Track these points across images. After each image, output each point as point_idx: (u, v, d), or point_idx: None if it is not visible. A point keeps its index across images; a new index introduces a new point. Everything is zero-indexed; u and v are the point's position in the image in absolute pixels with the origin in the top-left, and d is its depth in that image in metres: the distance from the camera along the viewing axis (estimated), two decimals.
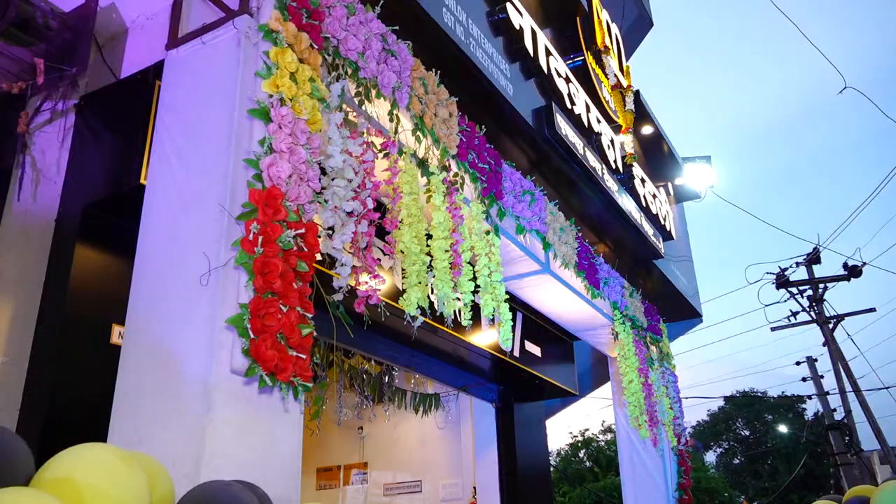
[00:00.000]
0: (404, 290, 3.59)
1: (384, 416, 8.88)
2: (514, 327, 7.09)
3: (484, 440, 8.35)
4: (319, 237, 3.09)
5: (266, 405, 2.53)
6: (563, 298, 6.22)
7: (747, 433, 36.34)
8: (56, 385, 3.82)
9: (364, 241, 3.27)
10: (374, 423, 9.10)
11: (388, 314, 3.80)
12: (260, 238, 2.53)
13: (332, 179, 3.12)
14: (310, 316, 2.70)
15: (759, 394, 35.05)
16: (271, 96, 2.81)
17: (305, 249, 2.76)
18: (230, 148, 2.74)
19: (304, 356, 2.59)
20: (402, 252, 3.57)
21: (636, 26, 11.16)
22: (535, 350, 7.50)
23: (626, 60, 11.68)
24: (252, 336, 2.42)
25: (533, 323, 7.35)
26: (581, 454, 30.14)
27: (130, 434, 2.52)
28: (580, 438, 30.43)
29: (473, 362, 7.38)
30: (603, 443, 28.53)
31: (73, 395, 3.68)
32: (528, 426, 8.26)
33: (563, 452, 30.80)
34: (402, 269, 3.60)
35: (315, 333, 2.75)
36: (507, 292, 6.36)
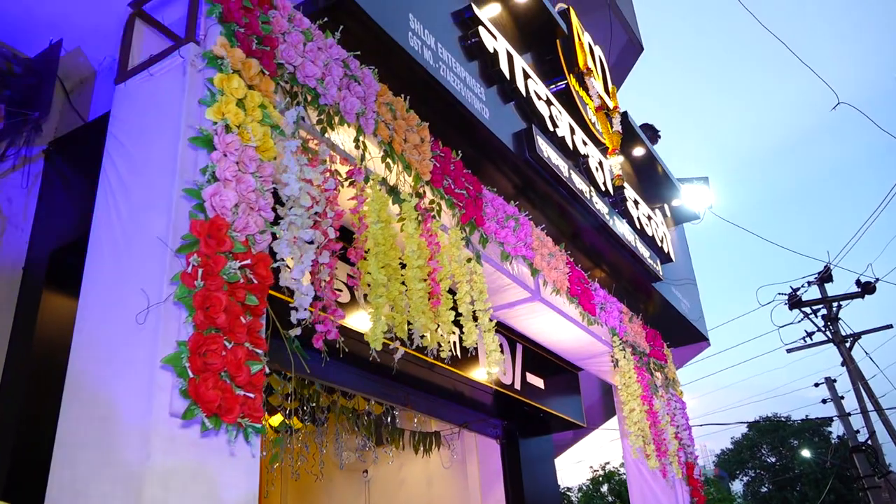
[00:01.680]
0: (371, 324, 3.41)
1: (388, 458, 8.65)
2: (514, 359, 6.95)
3: (490, 478, 8.09)
4: (279, 269, 2.95)
5: (211, 450, 2.35)
6: (558, 326, 6.03)
7: (773, 460, 35.56)
8: (23, 434, 3.67)
9: (325, 272, 3.12)
10: (379, 465, 8.86)
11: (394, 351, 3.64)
12: (200, 271, 2.38)
13: (290, 209, 2.99)
14: (261, 352, 2.54)
15: (783, 418, 34.38)
16: (216, 124, 2.69)
17: (256, 281, 2.61)
18: (174, 179, 2.62)
19: (252, 395, 2.42)
20: (368, 284, 3.41)
21: (626, 51, 11.14)
22: (538, 382, 7.27)
23: (620, 85, 11.66)
24: (191, 375, 2.26)
25: (534, 355, 7.14)
26: (603, 489, 29.47)
27: (69, 486, 2.35)
28: (601, 472, 29.79)
29: (474, 398, 7.16)
30: (625, 476, 27.78)
31: (41, 444, 3.52)
32: (536, 462, 7.98)
33: (584, 488, 30.13)
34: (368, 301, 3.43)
35: (278, 369, 2.59)
36: (500, 323, 6.21)
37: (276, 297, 3.10)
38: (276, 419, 7.51)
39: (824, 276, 16.19)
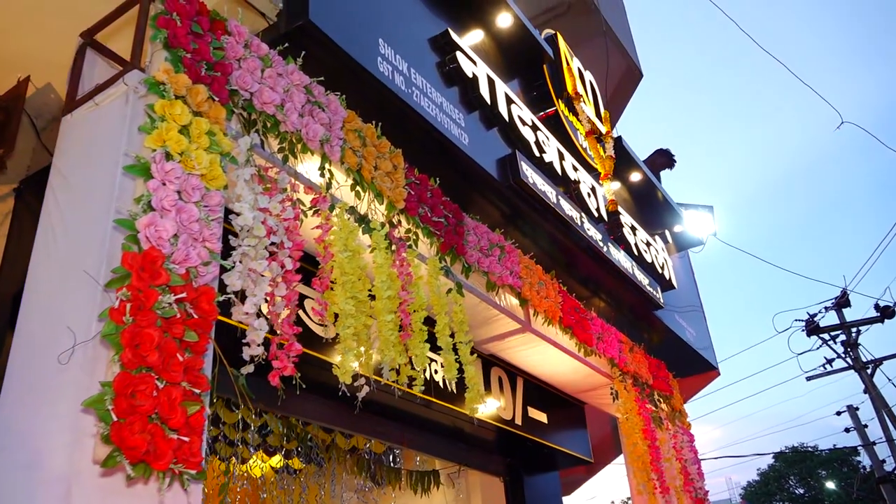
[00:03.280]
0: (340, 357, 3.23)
1: (391, 499, 8.37)
2: (514, 393, 6.72)
3: None
4: (232, 302, 2.80)
5: (138, 500, 2.17)
6: (553, 358, 5.83)
7: (801, 491, 34.66)
8: None
9: (281, 305, 2.96)
10: None
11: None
12: (128, 306, 2.23)
13: (243, 239, 2.85)
14: (199, 392, 2.37)
15: (809, 448, 33.61)
16: (154, 151, 2.56)
17: (196, 316, 2.45)
18: (110, 211, 2.49)
19: (186, 439, 2.24)
20: (335, 315, 3.24)
21: (626, 79, 11.04)
22: (541, 417, 7.03)
23: (620, 113, 11.54)
24: (115, 419, 2.09)
25: (536, 388, 6.91)
26: None
27: None
28: None
29: (473, 434, 6.92)
30: None
31: None
32: (542, 500, 7.68)
33: None
34: (336, 335, 3.26)
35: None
36: (493, 356, 6.01)
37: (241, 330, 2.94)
38: (276, 460, 7.33)
39: (841, 302, 15.83)
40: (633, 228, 6.82)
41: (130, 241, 2.37)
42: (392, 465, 7.80)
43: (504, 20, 5.72)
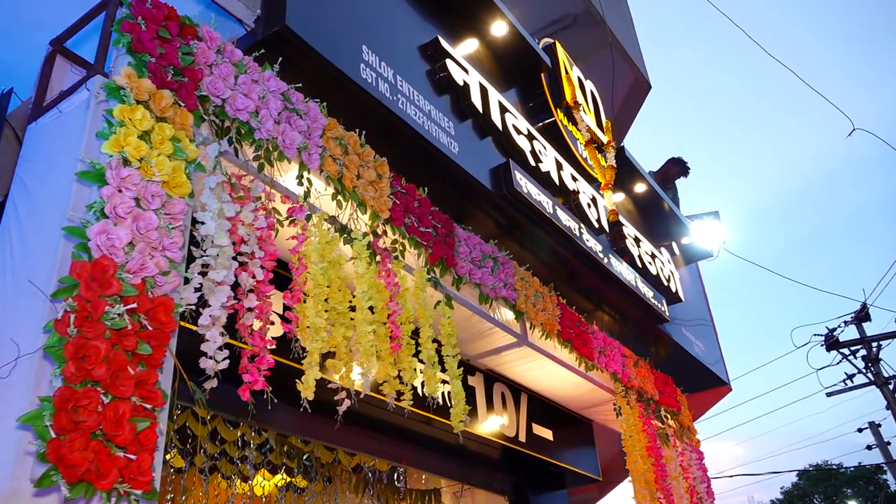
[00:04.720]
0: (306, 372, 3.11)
1: None
2: (518, 410, 6.56)
3: None
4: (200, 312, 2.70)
5: None
6: (553, 373, 5.66)
7: None
8: None
9: (250, 317, 2.85)
10: None
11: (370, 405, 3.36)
12: (72, 317, 2.12)
13: (205, 249, 2.75)
14: (153, 407, 2.25)
15: (833, 466, 32.94)
16: (111, 157, 2.47)
17: (151, 328, 2.35)
18: (64, 219, 2.40)
19: (134, 457, 2.12)
20: (307, 327, 3.13)
21: (634, 90, 10.90)
22: (546, 434, 6.85)
23: (629, 125, 11.39)
24: (53, 435, 1.98)
25: (541, 404, 6.74)
26: None
27: None
28: None
29: (477, 452, 6.76)
30: None
31: None
32: None
33: None
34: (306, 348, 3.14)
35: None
36: (492, 371, 5.86)
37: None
38: (278, 478, 7.21)
39: (861, 315, 15.48)
40: (636, 240, 6.66)
41: (81, 249, 2.28)
42: (396, 483, 7.65)
43: (499, 29, 5.61)
